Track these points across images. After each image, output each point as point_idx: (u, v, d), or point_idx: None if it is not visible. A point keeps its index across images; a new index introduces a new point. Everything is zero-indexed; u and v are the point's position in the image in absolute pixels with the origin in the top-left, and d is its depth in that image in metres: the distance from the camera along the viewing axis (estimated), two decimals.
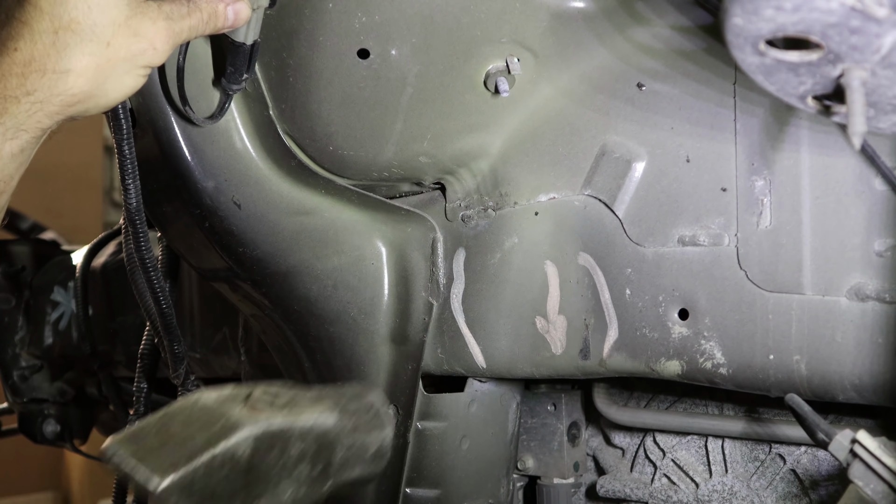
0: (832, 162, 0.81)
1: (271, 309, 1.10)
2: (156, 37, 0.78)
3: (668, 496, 1.07)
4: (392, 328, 1.07)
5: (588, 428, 1.16)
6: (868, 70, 0.62)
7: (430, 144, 0.97)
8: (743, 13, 0.61)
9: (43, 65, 0.73)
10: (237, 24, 0.85)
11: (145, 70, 0.80)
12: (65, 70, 0.73)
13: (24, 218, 2.64)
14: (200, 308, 1.58)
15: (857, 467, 0.77)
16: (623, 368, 0.93)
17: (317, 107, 0.95)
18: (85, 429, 2.19)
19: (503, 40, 0.90)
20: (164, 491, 0.71)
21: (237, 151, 0.98)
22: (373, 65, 0.91)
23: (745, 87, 0.84)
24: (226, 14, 0.83)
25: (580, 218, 0.95)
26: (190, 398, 0.79)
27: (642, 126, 0.91)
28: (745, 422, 1.00)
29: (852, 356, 0.80)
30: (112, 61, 0.76)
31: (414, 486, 1.08)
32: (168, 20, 0.78)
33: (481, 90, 0.93)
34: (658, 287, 0.90)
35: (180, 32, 0.80)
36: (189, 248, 1.12)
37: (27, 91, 0.73)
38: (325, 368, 1.10)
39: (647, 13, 0.87)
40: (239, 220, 1.01)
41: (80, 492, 3.98)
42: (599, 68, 0.92)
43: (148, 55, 0.78)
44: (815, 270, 0.82)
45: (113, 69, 0.76)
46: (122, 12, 0.75)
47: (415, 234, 1.05)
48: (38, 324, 2.02)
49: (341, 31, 0.90)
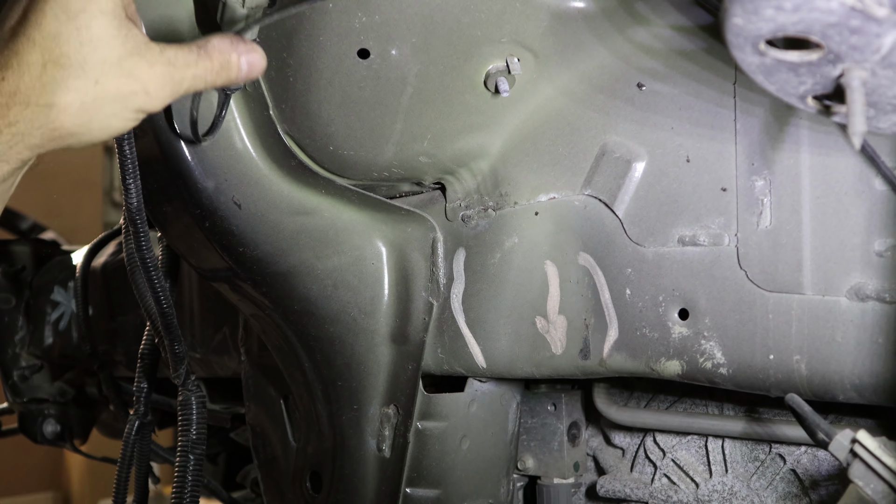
0: (832, 162, 0.81)
1: (271, 309, 1.10)
2: (151, 81, 0.73)
3: (668, 496, 1.07)
4: (392, 328, 1.07)
5: (588, 428, 1.16)
6: (868, 70, 0.62)
7: (430, 144, 0.97)
8: (743, 13, 0.61)
9: (27, 97, 0.71)
10: (251, 77, 0.80)
11: (136, 114, 0.75)
12: (48, 104, 0.71)
13: (24, 218, 2.64)
14: (200, 308, 1.59)
15: (857, 467, 0.77)
16: (623, 368, 0.93)
17: (317, 107, 0.95)
18: (85, 429, 2.19)
19: (503, 40, 0.90)
20: None
21: (237, 151, 0.98)
22: (373, 65, 0.91)
23: (745, 87, 0.84)
24: (239, 65, 0.78)
25: (580, 218, 0.95)
26: None
27: (642, 126, 0.91)
28: (745, 422, 1.00)
29: (852, 356, 0.80)
30: (99, 100, 0.72)
31: (414, 486, 1.08)
32: (169, 66, 0.74)
33: (481, 90, 0.93)
34: (658, 287, 0.90)
35: (182, 80, 0.75)
36: (189, 248, 1.12)
37: (9, 122, 0.71)
38: (326, 368, 1.10)
39: (647, 13, 0.87)
40: (239, 220, 1.01)
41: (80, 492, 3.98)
42: (599, 68, 0.92)
43: (140, 99, 0.74)
44: (815, 270, 0.82)
45: (99, 108, 0.73)
46: (115, 51, 0.72)
47: (415, 234, 1.05)
48: (38, 324, 2.02)
49: (341, 31, 0.90)
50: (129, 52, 0.73)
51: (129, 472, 1.44)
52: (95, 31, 0.71)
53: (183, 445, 1.21)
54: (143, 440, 1.40)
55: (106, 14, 0.72)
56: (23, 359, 2.08)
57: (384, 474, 1.09)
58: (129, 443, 1.39)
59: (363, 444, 1.09)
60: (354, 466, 1.10)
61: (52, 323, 2.00)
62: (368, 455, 1.09)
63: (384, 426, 1.08)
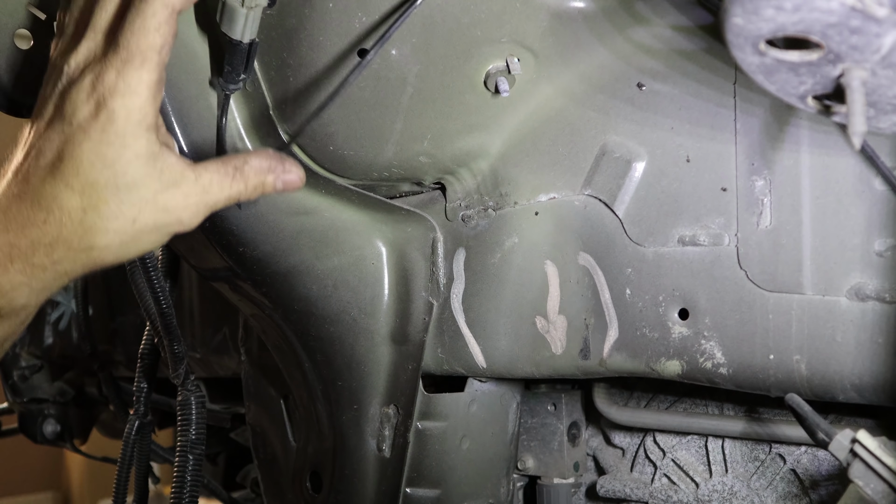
0: (832, 162, 0.81)
1: (271, 309, 1.10)
2: (185, 212, 0.77)
3: (668, 496, 1.07)
4: (392, 328, 1.07)
5: (588, 428, 1.16)
6: (868, 70, 0.62)
7: (430, 144, 0.97)
8: (743, 13, 0.61)
9: (69, 241, 0.74)
10: (288, 191, 0.83)
11: (169, 235, 0.79)
12: (89, 247, 0.74)
13: None
14: (200, 308, 1.59)
15: (857, 467, 0.77)
16: (623, 368, 0.93)
17: (317, 107, 0.95)
18: (85, 429, 2.19)
19: (503, 40, 0.90)
20: None
21: (237, 151, 0.98)
22: (373, 65, 0.91)
23: (745, 87, 0.84)
24: (274, 185, 0.81)
25: (580, 218, 0.95)
26: None
27: (642, 126, 0.91)
28: (745, 422, 1.00)
29: (852, 356, 0.80)
30: (136, 235, 0.76)
31: (414, 486, 1.08)
32: (204, 194, 0.77)
33: (481, 90, 0.93)
34: (658, 287, 0.90)
35: (215, 204, 0.78)
36: (189, 248, 1.12)
37: (54, 261, 0.75)
38: (325, 368, 1.10)
39: (647, 13, 0.87)
40: (239, 220, 1.01)
41: (80, 492, 3.98)
42: (599, 68, 0.92)
43: (174, 226, 0.77)
44: (815, 270, 0.82)
45: (136, 241, 0.76)
46: (151, 189, 0.75)
47: (415, 234, 1.05)
48: (38, 324, 2.02)
49: (341, 31, 0.90)
50: (164, 186, 0.75)
51: (128, 472, 1.44)
52: (132, 176, 0.74)
53: (182, 445, 1.21)
54: (143, 440, 1.41)
55: (141, 157, 0.74)
56: (23, 359, 2.08)
57: (384, 474, 1.09)
58: (129, 443, 1.39)
59: (363, 444, 1.09)
60: (354, 466, 1.10)
61: (52, 323, 2.01)
62: (368, 455, 1.09)
63: (384, 426, 1.08)
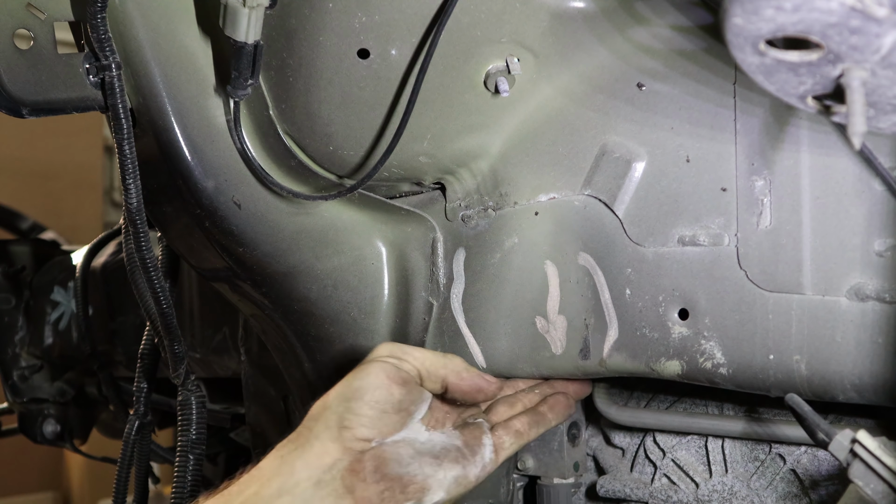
0: (832, 162, 0.81)
1: (271, 309, 1.10)
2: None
3: (668, 496, 1.07)
4: (392, 328, 1.07)
5: (588, 428, 1.16)
6: (868, 70, 0.62)
7: (430, 144, 0.97)
8: (743, 13, 0.61)
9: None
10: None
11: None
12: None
13: (24, 218, 2.64)
14: (200, 308, 1.59)
15: (857, 467, 0.77)
16: (623, 368, 0.93)
17: (317, 107, 0.95)
18: (85, 429, 2.19)
19: (503, 40, 0.90)
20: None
21: (237, 151, 0.98)
22: (373, 65, 0.91)
23: (745, 87, 0.84)
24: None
25: (580, 218, 0.95)
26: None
27: (642, 126, 0.91)
28: (745, 422, 0.99)
29: (852, 356, 0.80)
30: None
31: None
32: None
33: (481, 90, 0.93)
34: (658, 287, 0.90)
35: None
36: (189, 248, 1.12)
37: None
38: (326, 368, 1.10)
39: (647, 13, 0.87)
40: (239, 220, 1.01)
41: (80, 492, 3.98)
42: (599, 68, 0.92)
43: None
44: (815, 270, 0.82)
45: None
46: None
47: (415, 234, 1.05)
48: (38, 324, 2.02)
49: (341, 31, 0.90)
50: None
51: (129, 472, 1.44)
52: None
53: (183, 445, 1.21)
54: (143, 440, 1.41)
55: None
56: (23, 359, 2.08)
57: None
58: (129, 443, 1.39)
59: None
60: None
61: (52, 323, 2.01)
62: None
63: None
